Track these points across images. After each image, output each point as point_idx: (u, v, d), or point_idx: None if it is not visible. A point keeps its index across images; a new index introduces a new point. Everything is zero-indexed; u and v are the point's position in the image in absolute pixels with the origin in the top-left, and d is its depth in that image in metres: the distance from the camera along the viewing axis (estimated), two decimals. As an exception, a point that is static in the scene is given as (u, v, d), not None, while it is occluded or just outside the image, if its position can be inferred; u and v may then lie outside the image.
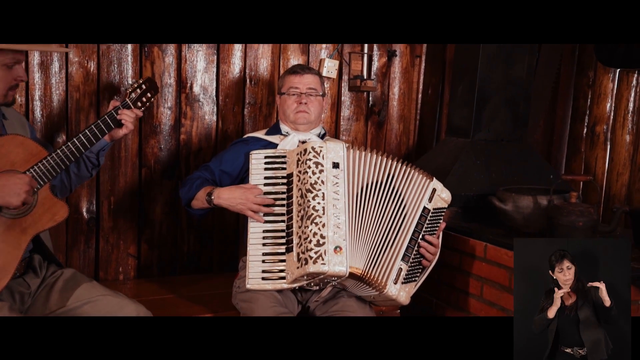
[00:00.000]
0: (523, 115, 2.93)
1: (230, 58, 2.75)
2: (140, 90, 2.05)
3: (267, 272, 1.98)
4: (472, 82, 2.79)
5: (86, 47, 2.48)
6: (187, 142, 2.72)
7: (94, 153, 2.01)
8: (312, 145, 2.00)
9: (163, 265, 2.73)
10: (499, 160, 2.82)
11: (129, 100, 2.02)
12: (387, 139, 3.16)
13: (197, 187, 2.18)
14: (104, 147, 2.02)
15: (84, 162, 2.03)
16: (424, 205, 2.08)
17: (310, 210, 1.93)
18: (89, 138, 1.90)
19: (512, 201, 2.43)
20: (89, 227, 2.58)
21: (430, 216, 2.10)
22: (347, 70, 3.00)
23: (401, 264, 2.02)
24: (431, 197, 2.11)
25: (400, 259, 2.02)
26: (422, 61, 3.20)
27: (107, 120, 1.95)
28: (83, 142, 1.89)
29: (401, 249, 2.02)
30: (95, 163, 2.04)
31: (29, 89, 2.43)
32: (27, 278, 1.90)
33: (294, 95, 2.30)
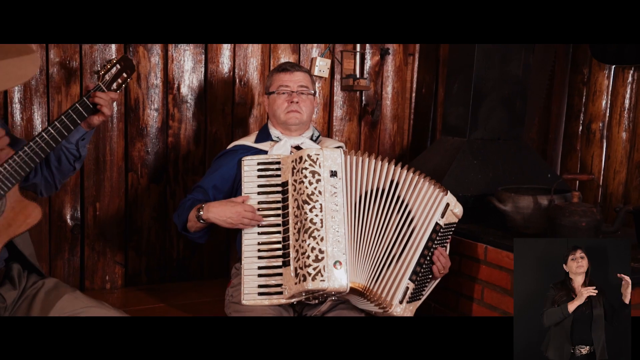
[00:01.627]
0: (520, 113, 2.87)
1: (218, 58, 2.66)
2: (115, 70, 1.87)
3: (263, 286, 1.87)
4: (467, 80, 2.73)
5: (68, 47, 2.38)
6: (175, 144, 2.62)
7: (72, 144, 1.85)
8: (308, 153, 1.89)
9: (151, 272, 2.63)
10: (496, 160, 2.75)
11: (102, 83, 1.84)
12: (380, 139, 3.08)
13: (188, 209, 2.04)
14: (82, 136, 1.86)
15: (64, 155, 1.87)
16: (436, 221, 1.96)
17: (308, 223, 1.83)
18: (59, 130, 1.73)
19: (511, 201, 2.37)
20: (73, 234, 2.47)
21: (441, 232, 1.99)
22: (340, 69, 2.92)
23: (408, 282, 1.90)
24: (444, 213, 1.98)
25: (408, 278, 1.90)
26: (415, 59, 3.13)
27: (78, 108, 1.77)
28: (53, 135, 1.72)
29: (409, 267, 1.90)
30: (76, 155, 1.88)
31: (8, 90, 2.32)
32: (3, 290, 1.78)
33: (284, 94, 2.18)
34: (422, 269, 1.93)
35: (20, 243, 1.83)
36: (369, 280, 1.86)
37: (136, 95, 2.53)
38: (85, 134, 1.88)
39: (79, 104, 1.79)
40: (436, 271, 1.99)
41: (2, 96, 2.31)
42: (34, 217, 1.73)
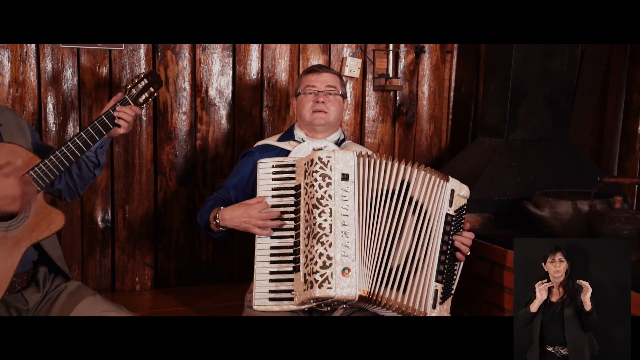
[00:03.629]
0: (565, 112, 2.69)
1: (246, 60, 2.64)
2: (141, 85, 1.92)
3: (274, 292, 1.82)
4: (505, 77, 2.58)
5: (98, 53, 2.42)
6: (203, 147, 2.63)
7: (92, 152, 1.91)
8: (319, 156, 1.82)
9: (180, 275, 2.65)
10: (537, 162, 2.59)
11: (129, 97, 1.90)
12: (416, 141, 2.97)
13: (208, 211, 2.04)
14: (101, 144, 1.91)
15: (84, 162, 1.93)
16: (446, 212, 1.87)
17: (317, 228, 1.76)
18: (85, 141, 1.81)
19: (549, 207, 2.22)
20: (104, 236, 2.52)
21: (454, 221, 1.89)
22: (372, 69, 2.83)
23: (436, 285, 1.82)
24: (451, 201, 1.89)
25: (434, 281, 1.82)
26: (453, 57, 3.00)
27: (104, 121, 1.84)
28: (79, 145, 1.79)
29: (433, 269, 1.82)
30: (95, 162, 1.94)
31: (42, 96, 2.39)
32: (27, 293, 1.83)
33: (310, 94, 2.13)
34: (445, 266, 1.85)
35: (48, 246, 1.88)
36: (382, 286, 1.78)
37: (165, 99, 2.55)
38: (103, 142, 1.93)
39: (105, 116, 1.85)
40: (460, 256, 1.90)
41: (36, 102, 2.39)
42: (57, 223, 1.79)
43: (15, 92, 2.35)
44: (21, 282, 1.82)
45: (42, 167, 1.74)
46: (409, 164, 1.87)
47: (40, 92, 2.39)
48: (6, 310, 1.77)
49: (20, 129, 1.86)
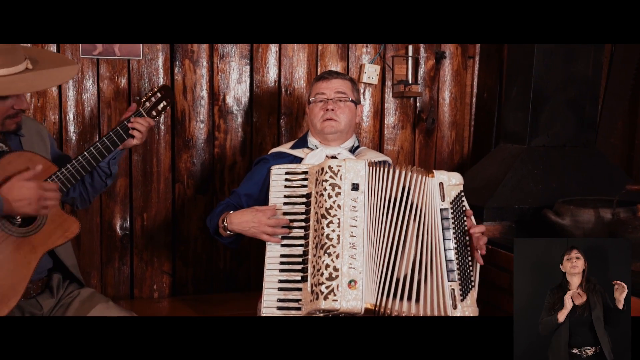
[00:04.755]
0: (590, 117, 2.61)
1: (264, 67, 2.65)
2: (155, 98, 1.98)
3: (282, 301, 1.81)
4: (526, 81, 2.52)
5: (116, 63, 2.46)
6: (221, 155, 2.64)
7: (105, 162, 1.96)
8: (330, 164, 1.80)
9: (198, 283, 2.66)
10: (561, 169, 2.51)
11: (143, 109, 1.95)
12: (437, 148, 2.92)
13: (217, 215, 2.03)
14: (114, 156, 1.96)
15: (97, 173, 1.98)
16: (439, 207, 1.81)
17: (324, 239, 1.74)
18: (101, 151, 1.86)
19: (570, 215, 2.14)
20: (122, 244, 2.55)
21: (452, 213, 1.83)
22: (391, 76, 2.80)
23: (450, 284, 1.76)
24: (442, 195, 1.83)
25: (447, 280, 1.76)
26: (475, 62, 2.94)
27: (119, 132, 1.89)
28: (94, 155, 1.85)
29: (442, 270, 1.76)
30: (107, 173, 1.98)
31: (62, 106, 2.44)
32: (41, 299, 1.86)
33: (320, 102, 2.12)
34: (455, 261, 1.78)
35: (63, 254, 1.91)
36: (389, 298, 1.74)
37: (182, 107, 2.57)
38: (117, 153, 1.96)
39: (120, 127, 1.89)
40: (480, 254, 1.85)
41: (57, 111, 2.44)
42: (72, 230, 1.83)
43: (37, 102, 2.41)
44: (36, 288, 1.86)
45: (59, 175, 1.78)
46: (408, 168, 1.82)
47: (61, 102, 2.44)
48: (21, 315, 1.81)
49: (41, 139, 1.90)
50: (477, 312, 1.80)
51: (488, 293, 2.30)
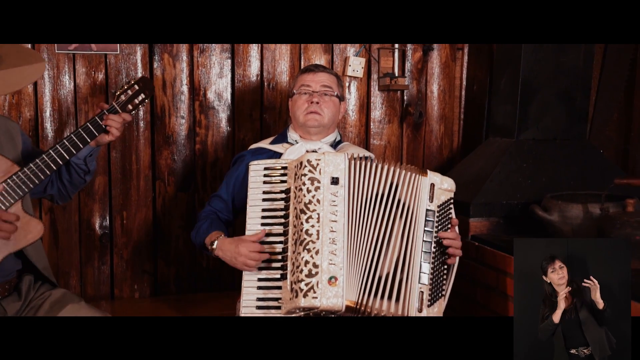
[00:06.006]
0: (582, 109, 2.53)
1: (245, 61, 2.58)
2: (131, 91, 1.88)
3: (262, 299, 1.76)
4: (515, 73, 2.44)
5: (93, 58, 2.40)
6: (202, 152, 2.57)
7: (81, 160, 1.88)
8: (308, 158, 1.75)
9: (181, 282, 2.60)
10: (551, 163, 2.44)
11: (116, 104, 1.86)
12: (426, 142, 2.85)
13: (204, 233, 1.97)
14: (90, 152, 1.88)
15: (75, 170, 1.90)
16: (426, 207, 1.76)
17: (303, 235, 1.68)
18: (68, 148, 1.77)
19: (558, 210, 2.07)
20: (102, 243, 2.49)
21: (438, 217, 1.77)
22: (377, 68, 2.73)
23: (420, 286, 1.71)
24: (431, 196, 1.77)
25: (418, 281, 1.72)
26: (464, 54, 2.87)
27: (89, 128, 1.80)
28: (60, 153, 1.76)
29: (414, 270, 1.72)
30: (85, 169, 1.91)
31: (38, 102, 2.38)
32: (6, 302, 1.80)
33: (305, 94, 2.06)
34: (429, 264, 1.73)
35: (33, 255, 1.85)
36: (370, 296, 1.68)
37: (162, 102, 2.51)
38: (93, 150, 1.90)
39: (90, 123, 1.82)
40: (451, 260, 1.79)
41: (32, 108, 2.38)
42: (35, 233, 1.76)
43: (12, 98, 2.35)
44: (2, 291, 1.79)
45: (20, 175, 1.71)
46: (397, 165, 1.77)
47: (37, 99, 2.38)
48: (-17, 319, 1.75)
49: (9, 138, 1.83)
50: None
51: (475, 291, 2.24)
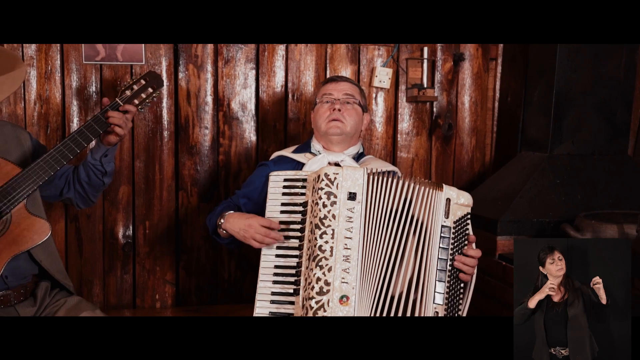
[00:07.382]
0: (622, 123, 2.40)
1: (270, 72, 2.56)
2: (137, 86, 1.86)
3: (274, 314, 1.72)
4: (549, 83, 2.33)
5: (119, 69, 2.42)
6: (225, 162, 2.56)
7: (97, 160, 1.87)
8: (326, 172, 1.70)
9: (202, 293, 2.58)
10: (587, 180, 2.31)
11: (120, 99, 1.83)
12: (456, 155, 2.75)
13: (217, 214, 1.97)
14: (105, 153, 1.87)
15: (92, 171, 1.89)
16: (441, 224, 1.68)
17: (317, 251, 1.64)
18: (71, 147, 1.76)
19: (591, 230, 1.95)
20: (124, 252, 2.50)
21: (454, 234, 1.69)
22: (405, 79, 2.66)
23: (434, 306, 1.65)
24: (447, 211, 1.70)
25: (432, 301, 1.65)
26: (498, 64, 2.76)
27: (92, 125, 1.78)
28: (63, 152, 1.75)
29: (428, 290, 1.65)
30: (102, 171, 1.90)
31: (65, 112, 2.41)
32: (20, 307, 1.81)
33: (327, 102, 2.03)
34: (445, 284, 1.66)
35: (45, 260, 1.85)
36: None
37: (186, 113, 2.51)
38: (107, 150, 1.88)
39: (93, 120, 1.80)
40: (464, 277, 1.70)
41: (60, 118, 2.41)
42: (41, 234, 1.75)
43: (41, 108, 2.39)
44: (17, 295, 1.81)
45: (22, 176, 1.71)
46: (411, 179, 1.70)
47: (65, 108, 2.41)
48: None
49: (18, 143, 1.85)
50: None
51: (502, 313, 2.13)
